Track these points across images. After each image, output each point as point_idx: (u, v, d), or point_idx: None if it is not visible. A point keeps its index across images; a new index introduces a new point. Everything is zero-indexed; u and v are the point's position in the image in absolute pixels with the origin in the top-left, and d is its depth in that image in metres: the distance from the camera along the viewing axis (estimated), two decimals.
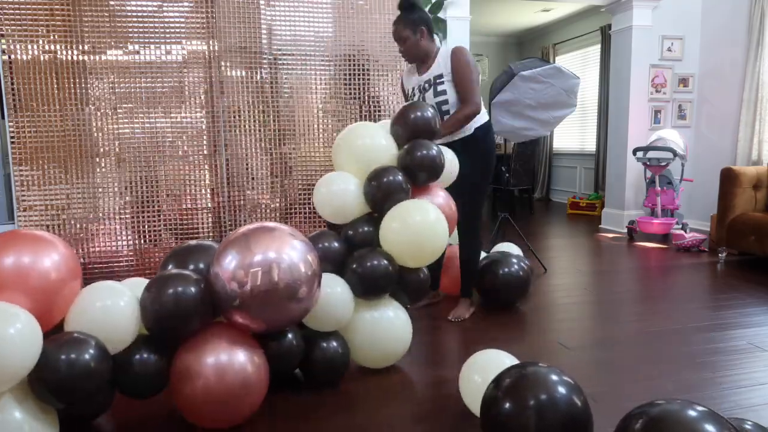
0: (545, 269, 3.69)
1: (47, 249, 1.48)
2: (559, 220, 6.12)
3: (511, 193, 6.51)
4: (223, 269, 1.56)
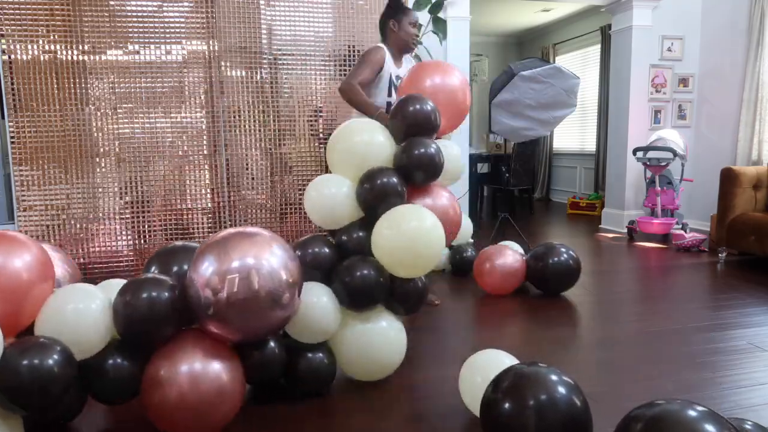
0: None
1: (19, 249, 1.44)
2: (559, 220, 6.12)
3: (511, 193, 6.50)
4: (199, 275, 1.50)
